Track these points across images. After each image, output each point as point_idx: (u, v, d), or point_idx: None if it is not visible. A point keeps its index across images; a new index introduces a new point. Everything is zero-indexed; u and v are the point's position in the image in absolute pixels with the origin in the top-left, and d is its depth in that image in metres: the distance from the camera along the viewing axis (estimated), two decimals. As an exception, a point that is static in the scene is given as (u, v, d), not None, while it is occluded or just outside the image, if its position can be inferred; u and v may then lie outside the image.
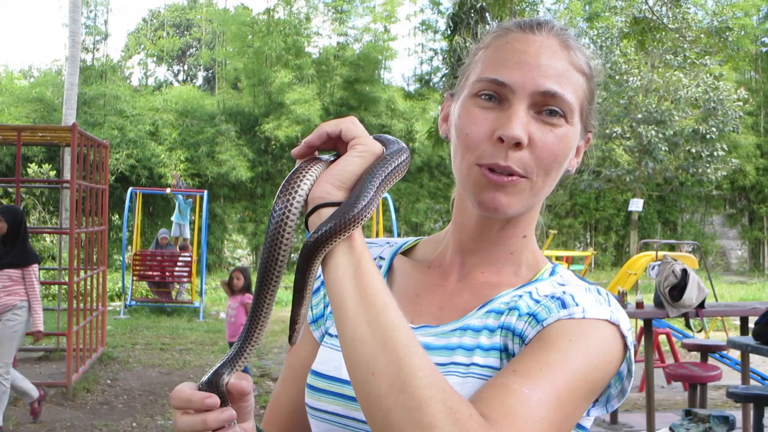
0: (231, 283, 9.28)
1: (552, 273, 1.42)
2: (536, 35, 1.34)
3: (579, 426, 1.32)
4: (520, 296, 1.35)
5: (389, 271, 1.50)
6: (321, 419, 1.38)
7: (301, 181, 1.18)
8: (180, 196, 20.17)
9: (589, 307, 1.25)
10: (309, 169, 1.19)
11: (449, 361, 1.31)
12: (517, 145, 1.27)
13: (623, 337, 1.26)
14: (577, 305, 1.25)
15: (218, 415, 1.15)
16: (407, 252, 1.54)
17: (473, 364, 1.29)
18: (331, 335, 1.45)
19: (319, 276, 1.53)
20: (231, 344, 8.51)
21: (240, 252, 28.59)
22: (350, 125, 1.19)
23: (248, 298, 8.92)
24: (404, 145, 1.25)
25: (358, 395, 1.09)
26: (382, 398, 1.04)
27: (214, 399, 1.15)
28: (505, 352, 1.29)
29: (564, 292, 1.30)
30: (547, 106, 1.29)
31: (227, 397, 1.19)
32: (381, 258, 1.52)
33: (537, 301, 1.31)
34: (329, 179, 1.16)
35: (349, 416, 1.34)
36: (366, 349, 1.08)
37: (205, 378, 1.19)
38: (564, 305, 1.26)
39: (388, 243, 1.56)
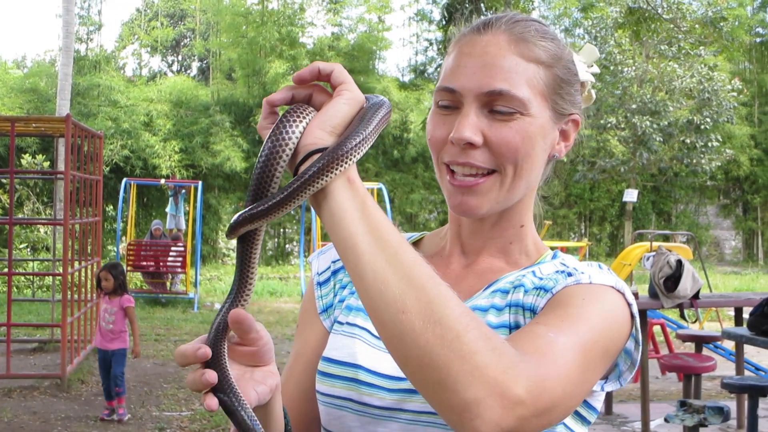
0: (99, 284, 8.47)
1: (554, 257, 1.46)
2: (483, 35, 1.38)
3: (589, 406, 1.35)
4: (524, 275, 1.38)
5: None
6: (332, 405, 1.39)
7: (294, 122, 1.15)
8: (171, 199, 20.21)
9: (594, 275, 1.29)
10: (301, 113, 1.16)
11: None
12: (470, 145, 1.32)
13: (629, 305, 1.29)
14: (582, 273, 1.29)
15: (197, 376, 1.11)
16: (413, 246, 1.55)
17: None
18: (341, 323, 1.46)
19: (328, 267, 1.56)
20: (103, 351, 8.29)
21: (234, 242, 28.52)
22: (341, 69, 1.19)
23: (128, 300, 8.36)
24: (385, 99, 1.24)
25: (389, 339, 1.06)
26: (418, 335, 1.02)
27: (204, 350, 1.12)
28: (516, 329, 1.31)
29: (567, 267, 1.34)
30: (496, 104, 1.33)
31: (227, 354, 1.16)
32: None
33: (541, 278, 1.34)
34: (319, 125, 1.14)
35: (361, 401, 1.36)
36: (391, 289, 1.05)
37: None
38: (570, 275, 1.30)
39: None
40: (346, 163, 1.10)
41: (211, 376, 1.10)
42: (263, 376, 1.19)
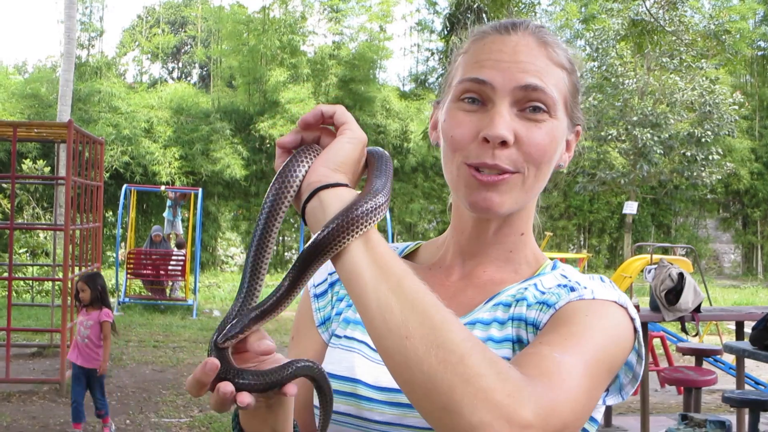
0: (77, 296, 7.97)
1: (554, 267, 1.45)
2: (512, 35, 1.36)
3: (591, 418, 1.33)
4: (526, 288, 1.37)
5: None
6: (331, 420, 1.37)
7: (299, 165, 1.19)
8: (169, 208, 20.23)
9: (597, 290, 1.28)
10: (305, 155, 1.20)
11: None
12: (503, 144, 1.30)
13: (632, 319, 1.29)
14: (585, 288, 1.28)
15: (216, 397, 1.10)
16: (409, 256, 1.55)
17: None
18: (338, 336, 1.45)
19: (325, 280, 1.54)
20: (78, 368, 7.68)
21: (233, 250, 28.55)
22: (343, 110, 1.22)
23: (107, 314, 7.80)
24: (385, 151, 1.27)
25: (395, 367, 1.06)
26: (422, 360, 1.02)
27: (211, 361, 1.10)
28: (519, 343, 1.31)
29: (569, 280, 1.33)
30: (530, 102, 1.31)
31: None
32: None
33: (543, 292, 1.33)
34: (323, 163, 1.17)
35: (361, 416, 1.34)
36: (395, 315, 1.06)
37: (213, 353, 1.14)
38: (572, 289, 1.28)
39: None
40: (363, 228, 1.12)
41: (226, 387, 1.09)
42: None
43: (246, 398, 1.09)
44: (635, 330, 1.29)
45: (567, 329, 1.20)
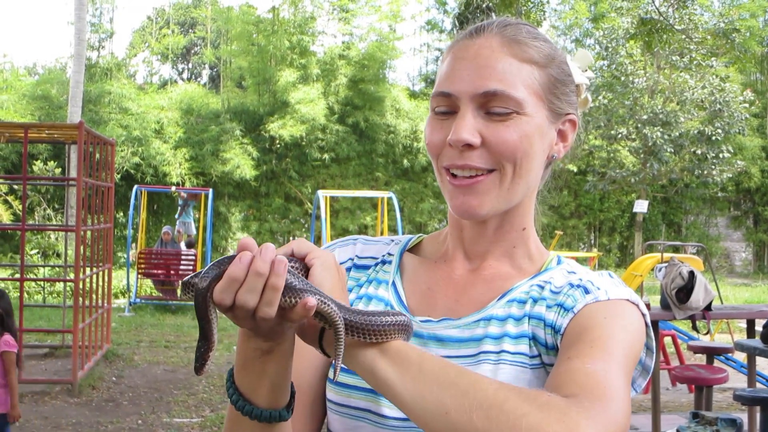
0: None
1: (558, 262, 1.46)
2: (475, 40, 1.40)
3: None
4: (541, 287, 1.39)
5: (399, 267, 1.51)
6: (348, 416, 1.38)
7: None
8: (184, 205, 20.27)
9: (610, 289, 1.32)
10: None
11: (478, 351, 1.34)
12: (469, 146, 1.33)
13: (643, 315, 1.33)
14: (598, 289, 1.32)
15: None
16: (413, 249, 1.56)
17: (503, 351, 1.33)
18: None
19: (349, 259, 1.56)
20: None
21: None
22: (299, 243, 1.21)
23: (6, 343, 6.09)
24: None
25: None
26: (468, 425, 1.06)
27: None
28: (534, 340, 1.33)
29: (581, 279, 1.35)
30: (492, 106, 1.34)
31: None
32: (390, 255, 1.54)
33: (556, 292, 1.36)
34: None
35: (378, 412, 1.35)
36: (427, 400, 1.10)
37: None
38: (587, 291, 1.32)
39: (393, 241, 1.58)
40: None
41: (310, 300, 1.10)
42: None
43: (312, 301, 1.09)
44: (646, 325, 1.33)
45: (590, 336, 1.24)
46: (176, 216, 20.74)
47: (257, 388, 1.22)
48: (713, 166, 27.49)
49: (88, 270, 10.75)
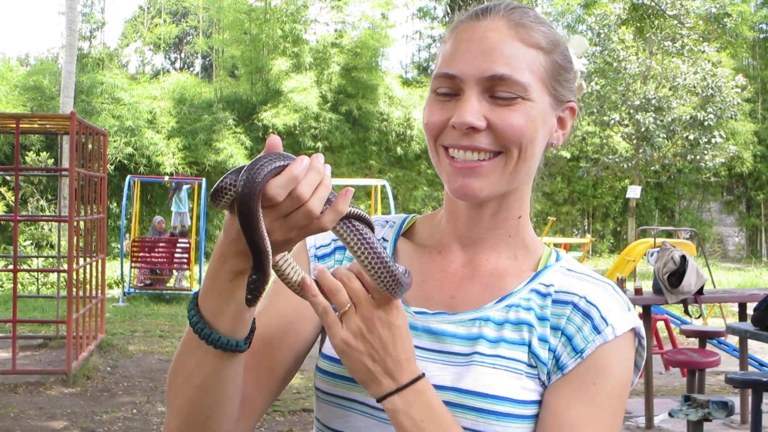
0: None
1: (557, 259, 1.44)
2: (481, 21, 1.36)
3: None
4: (542, 295, 1.38)
5: (394, 254, 1.49)
6: (337, 405, 1.38)
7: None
8: (175, 189, 20.23)
9: (617, 322, 1.32)
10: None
11: (472, 350, 1.33)
12: (473, 129, 1.31)
13: (639, 337, 1.36)
14: (607, 324, 1.32)
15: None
16: (407, 233, 1.53)
17: (498, 356, 1.32)
18: None
19: (329, 244, 1.52)
20: None
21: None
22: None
23: None
24: None
25: None
26: None
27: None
28: (529, 348, 1.34)
29: (586, 299, 1.35)
30: (498, 91, 1.32)
31: None
32: (384, 239, 1.51)
33: (560, 309, 1.36)
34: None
35: (366, 402, 1.35)
36: None
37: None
38: (595, 328, 1.32)
39: (387, 222, 1.56)
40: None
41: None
42: None
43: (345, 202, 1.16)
44: (640, 345, 1.38)
45: (591, 395, 1.31)
46: (167, 202, 20.68)
47: (221, 312, 1.21)
48: (706, 152, 27.55)
49: (81, 260, 10.72)
